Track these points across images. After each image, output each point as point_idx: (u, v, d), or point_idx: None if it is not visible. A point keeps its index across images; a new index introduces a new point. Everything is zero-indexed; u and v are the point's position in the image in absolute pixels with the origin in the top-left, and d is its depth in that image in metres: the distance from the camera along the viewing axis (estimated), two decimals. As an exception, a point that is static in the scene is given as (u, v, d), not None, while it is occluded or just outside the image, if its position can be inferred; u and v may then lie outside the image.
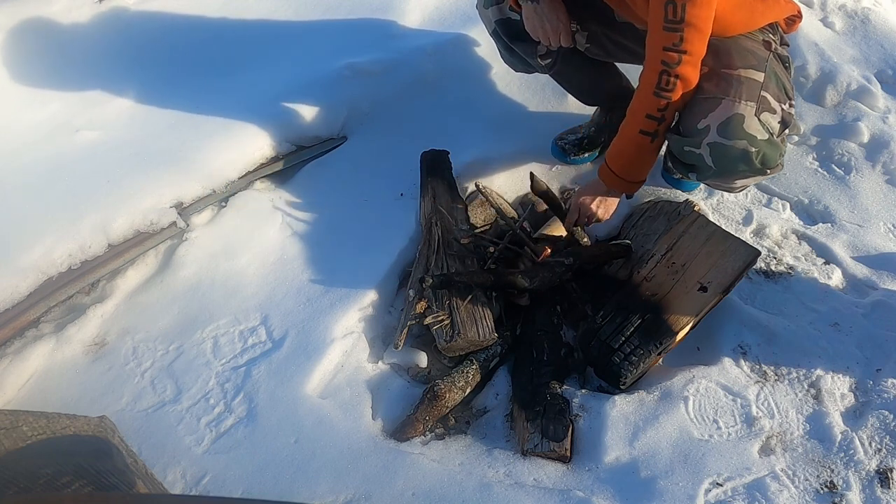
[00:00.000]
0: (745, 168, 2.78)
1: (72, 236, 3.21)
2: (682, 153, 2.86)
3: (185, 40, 4.58)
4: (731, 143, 2.67)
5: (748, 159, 2.72)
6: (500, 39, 3.32)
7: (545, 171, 3.79)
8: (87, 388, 2.91)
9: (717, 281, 2.88)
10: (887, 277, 3.21)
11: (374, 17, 4.69)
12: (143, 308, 3.20)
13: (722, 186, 3.16)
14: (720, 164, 2.77)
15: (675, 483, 2.52)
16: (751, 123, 2.64)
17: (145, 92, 4.18)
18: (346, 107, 4.10)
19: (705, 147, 2.72)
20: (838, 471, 2.57)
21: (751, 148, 2.68)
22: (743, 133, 2.65)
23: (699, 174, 2.95)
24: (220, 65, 4.40)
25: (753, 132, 2.66)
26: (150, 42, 4.55)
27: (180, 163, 3.61)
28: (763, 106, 2.66)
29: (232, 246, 3.41)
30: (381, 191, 3.70)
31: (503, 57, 3.51)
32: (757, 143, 2.68)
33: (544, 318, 3.10)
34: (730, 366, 2.87)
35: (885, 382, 2.81)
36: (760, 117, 2.66)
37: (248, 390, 2.86)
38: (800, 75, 4.11)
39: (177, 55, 4.47)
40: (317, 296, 3.19)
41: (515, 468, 2.62)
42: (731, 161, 2.74)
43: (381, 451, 2.65)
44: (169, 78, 4.30)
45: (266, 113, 3.92)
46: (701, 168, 2.86)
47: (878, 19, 4.49)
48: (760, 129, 2.67)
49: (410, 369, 3.05)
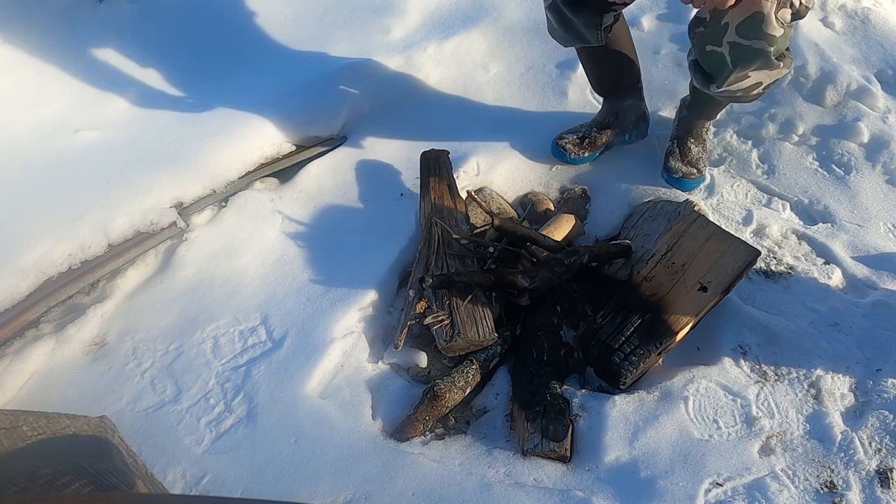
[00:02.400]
0: (761, 63, 2.84)
1: (72, 236, 3.21)
2: (704, 55, 2.94)
3: (185, 41, 4.58)
4: (749, 44, 2.75)
5: (765, 56, 2.80)
6: (557, 11, 3.29)
7: (545, 171, 3.80)
8: (87, 388, 2.92)
9: (717, 281, 2.88)
10: (887, 277, 3.21)
11: (374, 16, 4.69)
12: (143, 308, 3.21)
13: (737, 93, 3.12)
14: (737, 62, 2.84)
15: (675, 483, 2.52)
16: (770, 22, 2.69)
17: (145, 92, 4.18)
18: (346, 107, 4.11)
19: (725, 45, 2.80)
20: (838, 471, 2.57)
21: (768, 47, 2.75)
22: (761, 33, 2.71)
23: (717, 77, 2.99)
24: (219, 65, 4.40)
25: (771, 31, 2.71)
26: (149, 42, 4.56)
27: (180, 163, 3.62)
28: (783, 2, 2.70)
29: (232, 246, 3.42)
30: (381, 191, 3.70)
31: (554, 32, 3.48)
32: (774, 41, 2.74)
33: (544, 318, 3.10)
34: (730, 366, 2.87)
35: (885, 382, 2.80)
36: (778, 14, 2.69)
37: (248, 390, 2.87)
38: (800, 75, 4.10)
39: (177, 55, 4.47)
40: (317, 295, 3.19)
41: (515, 468, 2.62)
42: (749, 59, 2.82)
43: (381, 451, 2.65)
44: (169, 78, 4.31)
45: (266, 113, 3.92)
46: (720, 69, 2.93)
47: (878, 19, 4.49)
48: (776, 26, 2.71)
49: (410, 369, 3.05)
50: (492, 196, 3.60)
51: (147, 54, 4.46)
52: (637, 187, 3.60)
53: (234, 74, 4.31)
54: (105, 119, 3.97)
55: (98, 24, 4.62)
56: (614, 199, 3.60)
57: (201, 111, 3.97)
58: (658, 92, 4.17)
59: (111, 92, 4.16)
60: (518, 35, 4.55)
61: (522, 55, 4.45)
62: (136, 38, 4.56)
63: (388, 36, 4.56)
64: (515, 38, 4.53)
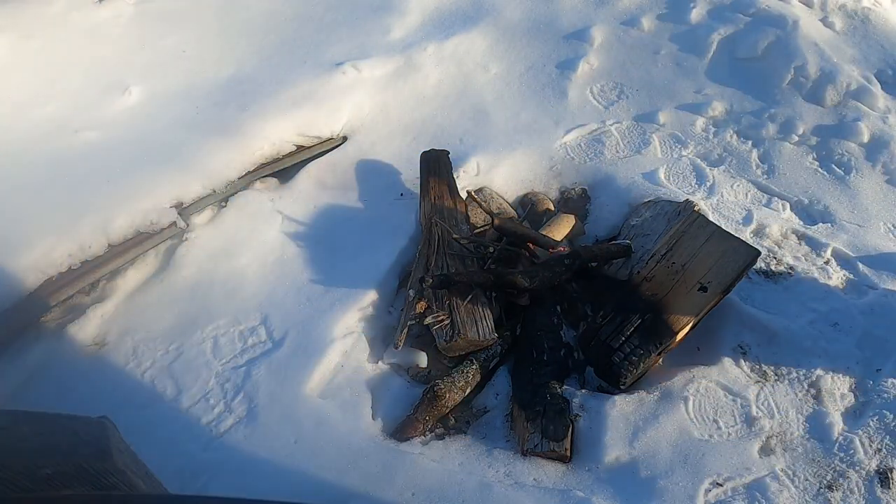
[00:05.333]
0: None
1: (72, 236, 3.21)
2: None
3: (183, 41, 4.58)
4: None
5: None
6: None
7: (545, 171, 3.80)
8: (87, 388, 2.91)
9: (717, 281, 2.88)
10: (887, 277, 3.21)
11: (374, 16, 4.70)
12: (143, 308, 3.21)
13: None
14: None
15: (675, 483, 2.51)
16: None
17: (145, 92, 4.18)
18: (347, 107, 4.11)
19: None
20: (838, 471, 2.57)
21: None
22: None
23: None
24: (218, 65, 4.40)
25: None
26: (148, 43, 4.56)
27: (180, 162, 3.61)
28: None
29: (232, 246, 3.41)
30: (381, 191, 3.71)
31: None
32: None
33: (544, 318, 3.09)
34: (730, 366, 2.87)
35: (885, 382, 2.80)
36: None
37: (247, 390, 2.86)
38: (800, 75, 4.11)
39: (176, 56, 4.47)
40: (317, 295, 3.19)
41: (515, 468, 2.62)
42: None
43: (381, 451, 2.65)
44: (168, 78, 4.31)
45: (266, 113, 3.92)
46: None
47: (878, 19, 4.49)
48: None
49: (410, 369, 3.05)
50: (492, 196, 3.60)
51: (146, 55, 4.46)
52: (637, 187, 3.59)
53: (233, 75, 4.30)
54: (105, 119, 3.98)
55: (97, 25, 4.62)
56: (614, 199, 3.60)
57: (200, 111, 3.97)
58: (658, 92, 4.18)
59: (111, 92, 4.16)
60: (518, 35, 4.55)
61: (522, 55, 4.46)
62: (135, 39, 4.56)
63: (388, 36, 4.56)
64: (515, 38, 4.54)
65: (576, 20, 4.65)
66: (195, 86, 4.21)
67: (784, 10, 4.44)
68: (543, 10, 4.70)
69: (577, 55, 4.41)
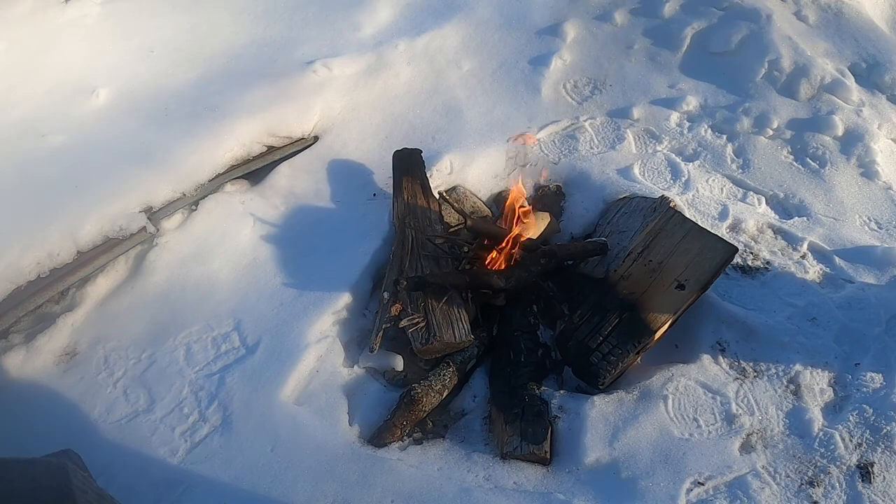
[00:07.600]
0: None
1: (40, 244, 3.15)
2: None
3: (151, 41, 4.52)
4: None
5: None
6: None
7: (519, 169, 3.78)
8: (58, 400, 2.87)
9: (694, 278, 2.86)
10: (864, 270, 3.21)
11: (344, 13, 4.66)
12: (114, 316, 3.16)
13: None
14: None
15: (656, 483, 2.50)
16: None
17: (112, 93, 4.11)
18: (318, 106, 4.07)
19: None
20: (819, 466, 2.56)
21: None
22: None
23: None
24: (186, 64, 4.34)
25: None
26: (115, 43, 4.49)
27: (149, 166, 3.56)
28: None
29: (203, 250, 3.37)
30: (354, 191, 3.67)
31: None
32: None
33: (521, 319, 3.07)
34: (708, 363, 2.86)
35: (864, 377, 2.80)
36: None
37: (222, 398, 2.82)
38: (773, 69, 4.11)
39: (143, 56, 4.41)
40: (290, 300, 3.15)
41: (495, 472, 2.60)
42: None
43: (358, 458, 2.62)
44: (136, 79, 4.24)
45: (236, 113, 3.87)
46: None
47: (851, 12, 4.50)
48: None
49: (387, 373, 3.02)
50: (465, 195, 3.57)
51: (114, 55, 4.39)
52: (612, 183, 3.58)
53: (200, 74, 4.25)
54: (72, 122, 3.90)
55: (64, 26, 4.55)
56: (589, 195, 3.59)
57: (168, 113, 3.91)
58: (632, 87, 4.17)
59: (78, 94, 4.09)
60: (490, 31, 4.53)
61: (495, 51, 4.43)
62: (103, 39, 4.50)
63: (358, 33, 4.52)
64: (487, 35, 4.51)
65: (548, 15, 4.63)
66: (163, 87, 4.14)
67: (757, 4, 4.44)
68: (516, 6, 4.67)
69: (550, 51, 4.39)
